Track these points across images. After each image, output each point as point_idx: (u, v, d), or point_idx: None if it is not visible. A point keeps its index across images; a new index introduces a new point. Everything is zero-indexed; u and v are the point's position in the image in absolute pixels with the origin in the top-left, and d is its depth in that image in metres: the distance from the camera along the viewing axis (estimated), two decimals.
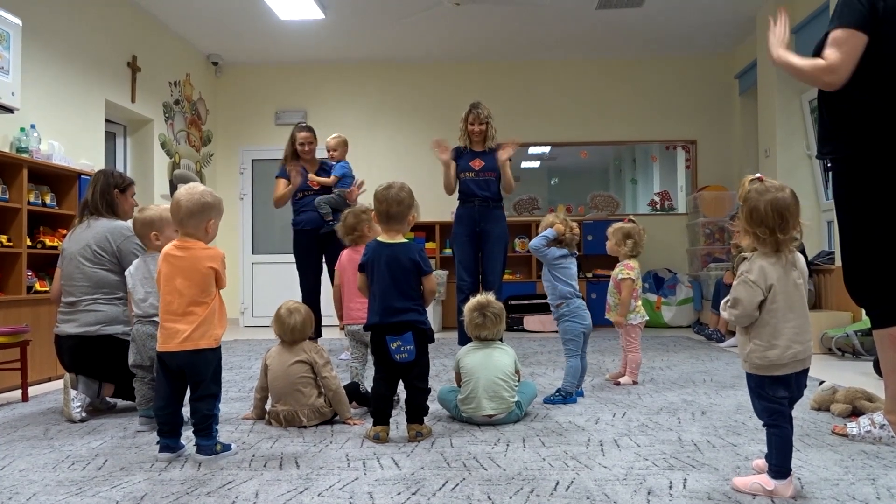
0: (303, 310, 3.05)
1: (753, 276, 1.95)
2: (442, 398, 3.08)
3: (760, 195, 1.95)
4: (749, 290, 1.95)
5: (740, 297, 1.97)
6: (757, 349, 1.96)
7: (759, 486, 1.98)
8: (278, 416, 2.92)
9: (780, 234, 1.94)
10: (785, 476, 1.96)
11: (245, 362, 4.97)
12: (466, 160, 5.04)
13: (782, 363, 1.94)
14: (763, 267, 1.95)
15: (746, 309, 1.96)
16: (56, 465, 2.42)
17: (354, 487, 2.11)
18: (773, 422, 1.98)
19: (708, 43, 7.84)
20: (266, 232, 8.38)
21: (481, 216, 4.99)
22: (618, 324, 3.89)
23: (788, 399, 1.98)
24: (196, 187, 2.52)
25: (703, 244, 7.61)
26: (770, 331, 1.95)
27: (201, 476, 2.26)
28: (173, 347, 2.44)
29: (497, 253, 5.01)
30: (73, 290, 3.29)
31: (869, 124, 2.48)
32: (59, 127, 5.34)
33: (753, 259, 1.99)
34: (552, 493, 2.03)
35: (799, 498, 1.94)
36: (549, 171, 8.98)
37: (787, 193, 1.95)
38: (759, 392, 2.00)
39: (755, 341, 1.97)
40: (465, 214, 5.05)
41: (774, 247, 1.96)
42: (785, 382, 1.97)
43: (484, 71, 8.29)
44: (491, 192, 5.02)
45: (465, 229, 5.04)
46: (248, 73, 8.45)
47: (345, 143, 5.41)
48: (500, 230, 5.05)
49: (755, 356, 1.97)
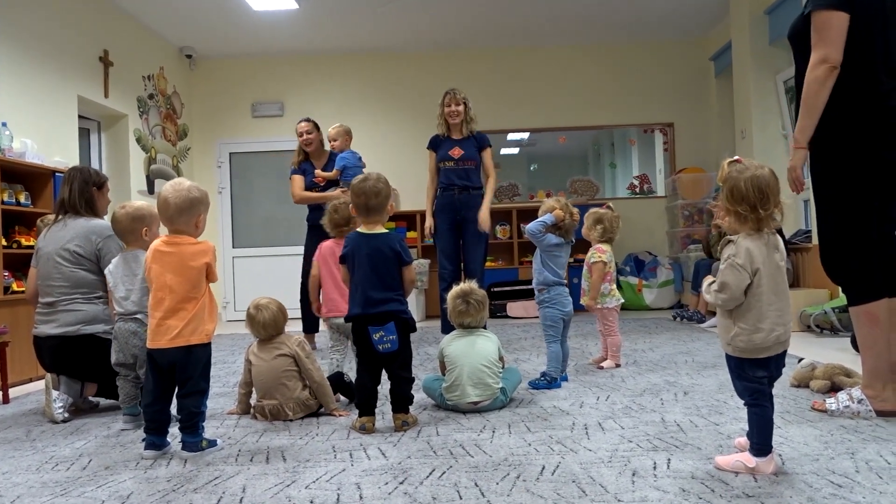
0: (273, 305, 3.02)
1: (741, 259, 1.95)
2: (426, 387, 3.09)
3: (740, 173, 1.96)
4: (737, 274, 1.95)
5: (728, 282, 1.96)
6: (742, 333, 1.97)
7: (741, 463, 2.01)
8: (263, 410, 2.92)
9: (762, 210, 1.94)
10: (766, 453, 1.99)
11: (228, 357, 4.95)
12: (445, 149, 5.03)
13: (766, 346, 1.96)
14: (749, 249, 1.95)
15: (734, 293, 1.96)
16: (40, 467, 2.40)
17: (342, 479, 2.11)
18: (754, 401, 2.00)
19: (683, 26, 7.87)
20: (246, 225, 8.33)
21: (462, 204, 4.99)
22: (589, 307, 3.91)
23: (768, 378, 2.01)
24: (182, 183, 2.50)
25: (682, 226, 7.67)
26: (755, 315, 1.96)
27: (188, 473, 2.25)
28: (164, 344, 2.42)
29: (478, 242, 5.02)
30: (52, 291, 3.25)
31: (844, 104, 2.51)
32: (31, 124, 5.25)
33: (739, 242, 1.98)
34: (538, 477, 2.05)
35: (780, 474, 1.97)
36: (529, 157, 8.99)
37: (766, 171, 1.97)
38: (739, 373, 2.03)
39: (740, 325, 1.98)
40: (445, 204, 5.05)
41: (756, 224, 1.97)
42: (765, 363, 1.99)
43: (461, 59, 8.27)
44: (471, 180, 5.02)
45: (447, 218, 5.04)
46: (222, 65, 8.36)
47: (347, 132, 5.22)
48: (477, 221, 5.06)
49: (740, 340, 1.97)
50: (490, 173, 5.12)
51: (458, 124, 4.99)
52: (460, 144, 5.01)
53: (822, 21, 2.47)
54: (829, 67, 2.45)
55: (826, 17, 2.46)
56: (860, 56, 2.50)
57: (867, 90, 2.52)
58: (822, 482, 1.89)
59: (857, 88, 2.50)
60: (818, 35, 2.48)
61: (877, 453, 2.13)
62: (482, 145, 5.08)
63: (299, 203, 5.30)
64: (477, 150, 5.06)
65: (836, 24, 2.45)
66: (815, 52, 2.47)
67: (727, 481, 1.93)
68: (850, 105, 2.51)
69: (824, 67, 2.45)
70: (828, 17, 2.46)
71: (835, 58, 2.45)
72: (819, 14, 2.48)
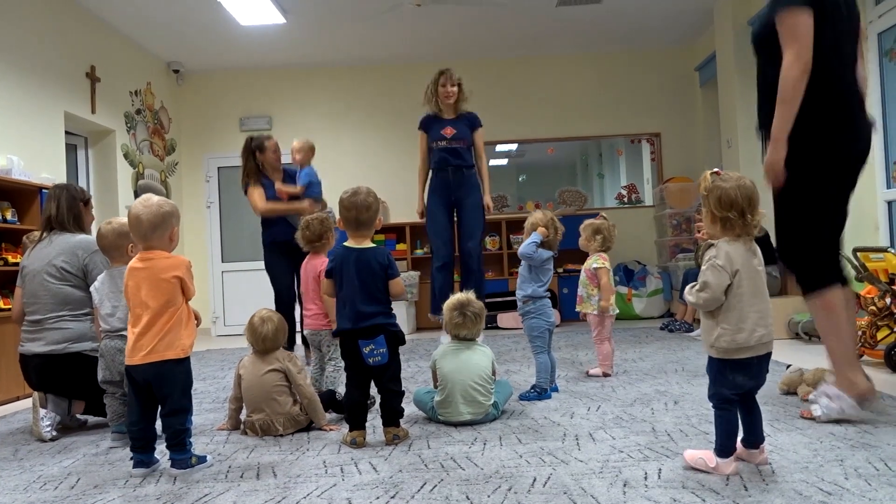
0: (276, 318, 3.03)
1: (721, 260, 2.04)
2: (417, 400, 3.08)
3: (726, 182, 2.06)
4: (717, 273, 2.03)
5: (709, 281, 2.04)
6: (725, 333, 2.04)
7: (702, 461, 2.10)
8: (253, 425, 2.90)
9: (750, 216, 2.04)
10: (728, 455, 2.07)
11: (218, 372, 4.92)
12: (438, 128, 5.02)
13: (749, 345, 2.03)
14: (728, 252, 2.04)
15: (715, 293, 2.04)
16: (27, 486, 2.38)
17: (333, 494, 2.10)
18: (721, 405, 2.09)
19: (667, 36, 7.94)
20: (235, 240, 8.29)
21: (456, 184, 4.98)
22: (604, 309, 3.90)
23: (752, 386, 2.06)
24: (150, 198, 2.48)
25: (670, 235, 7.71)
26: (737, 315, 2.03)
27: (177, 490, 2.23)
28: (138, 361, 2.39)
29: (474, 219, 4.98)
30: (38, 308, 3.22)
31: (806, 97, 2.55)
32: (17, 141, 5.23)
33: (719, 245, 2.07)
34: (530, 489, 2.05)
35: (770, 482, 1.98)
36: (518, 169, 9.03)
37: (749, 182, 2.08)
38: (718, 377, 2.09)
39: (723, 325, 2.05)
40: (438, 184, 5.03)
41: (742, 230, 2.05)
42: (747, 366, 2.04)
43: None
44: (464, 159, 5.01)
45: (440, 199, 5.03)
46: (210, 80, 8.36)
47: (311, 148, 5.12)
48: (475, 198, 5.05)
49: (723, 340, 2.04)
50: (482, 155, 5.13)
51: (450, 105, 5.01)
52: (452, 124, 5.01)
53: (793, 20, 2.53)
54: (803, 65, 2.52)
55: (795, 16, 2.53)
56: (821, 52, 2.55)
57: (828, 85, 2.58)
58: (811, 490, 1.90)
59: (818, 82, 2.56)
60: (789, 34, 2.54)
61: (865, 460, 2.14)
62: (474, 125, 5.08)
63: (264, 214, 5.06)
64: (469, 129, 5.06)
65: (804, 22, 2.52)
66: (789, 51, 2.53)
67: (718, 490, 1.94)
68: (812, 98, 2.56)
69: (799, 66, 2.52)
70: (798, 17, 2.53)
71: (807, 57, 2.52)
72: (788, 13, 2.54)
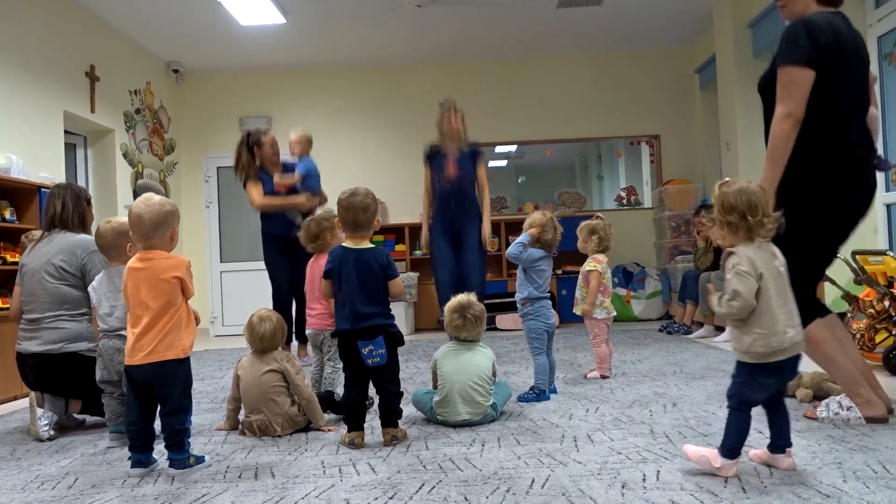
0: (274, 318, 3.03)
1: (744, 266, 2.03)
2: (416, 400, 3.08)
3: (729, 187, 2.09)
4: (744, 280, 2.02)
5: (738, 289, 2.03)
6: (760, 338, 2.02)
7: (706, 459, 2.08)
8: (252, 425, 2.90)
9: (751, 218, 2.03)
10: (734, 456, 2.05)
11: (216, 372, 4.92)
12: (441, 167, 5.15)
13: (783, 348, 2.02)
14: (750, 257, 2.04)
15: (746, 300, 2.02)
16: (25, 486, 2.37)
17: (331, 494, 2.10)
18: (738, 406, 2.07)
19: (667, 38, 7.94)
20: (234, 240, 8.29)
21: (459, 216, 5.14)
22: (585, 313, 3.92)
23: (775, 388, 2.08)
24: (152, 198, 2.49)
25: (669, 237, 7.71)
26: (769, 318, 2.03)
27: (175, 490, 2.23)
28: (138, 361, 2.40)
29: (477, 253, 5.13)
30: (36, 307, 3.22)
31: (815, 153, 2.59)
32: (16, 140, 5.22)
33: (738, 251, 2.07)
34: (528, 490, 2.04)
35: (768, 484, 1.98)
36: (517, 170, 9.04)
37: (754, 185, 2.09)
38: (748, 380, 2.06)
39: (756, 330, 2.03)
40: (442, 215, 5.17)
41: (747, 233, 2.05)
42: (780, 369, 2.05)
43: (448, 71, 8.30)
44: (467, 197, 5.18)
45: (443, 229, 5.16)
46: (210, 79, 8.35)
47: (309, 140, 5.21)
48: (477, 232, 5.18)
49: (759, 345, 2.02)
50: (484, 186, 5.26)
51: (455, 139, 5.12)
52: (456, 162, 5.12)
53: (790, 77, 2.56)
54: (794, 121, 2.55)
55: (793, 73, 2.56)
56: (830, 109, 2.58)
57: (838, 141, 2.60)
58: (809, 492, 1.90)
59: (828, 139, 2.59)
60: (784, 90, 2.57)
61: (864, 463, 2.14)
62: (477, 161, 5.22)
63: (261, 209, 5.13)
64: (472, 164, 5.19)
65: (801, 80, 2.54)
66: (781, 106, 2.57)
67: (716, 493, 1.94)
68: (818, 154, 2.59)
69: (790, 122, 2.55)
70: (795, 74, 2.55)
71: (799, 113, 2.54)
72: (786, 70, 2.57)
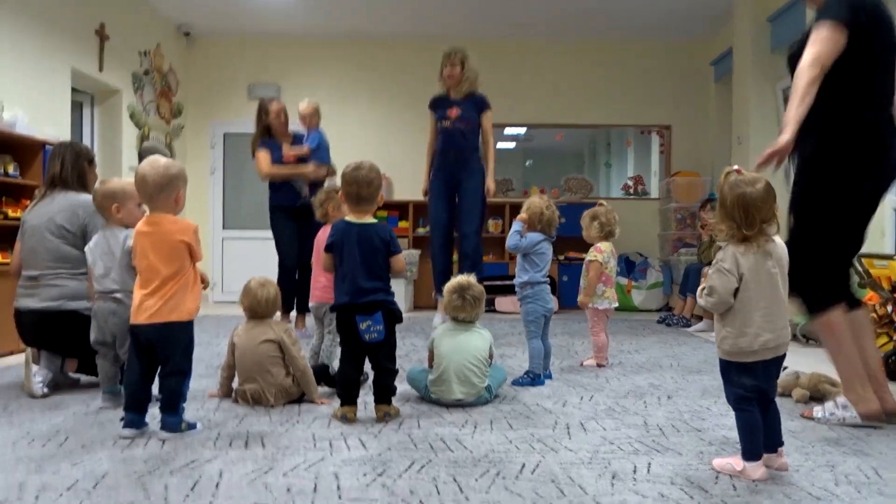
0: (273, 285, 3.04)
1: (727, 264, 2.01)
2: (411, 378, 3.07)
3: (731, 190, 2.01)
4: (723, 277, 2.01)
5: (715, 286, 2.02)
6: (728, 336, 2.03)
7: (730, 465, 2.06)
8: (245, 394, 2.89)
9: (746, 230, 1.99)
10: (755, 458, 2.01)
11: (213, 339, 4.92)
12: (443, 108, 5.02)
13: (752, 350, 2.00)
14: (735, 255, 2.01)
15: (721, 296, 2.01)
16: (15, 442, 2.37)
17: (320, 468, 2.10)
18: (738, 406, 2.04)
19: (684, 29, 7.84)
20: (237, 207, 8.27)
21: (458, 166, 5.00)
22: (581, 304, 3.90)
23: (756, 388, 2.02)
24: (158, 160, 2.48)
25: (674, 229, 7.68)
26: (741, 319, 2.01)
27: (165, 454, 2.23)
28: (142, 321, 2.42)
29: (472, 203, 5.01)
30: (36, 264, 3.21)
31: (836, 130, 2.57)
32: (23, 95, 5.18)
33: (727, 248, 2.04)
34: (518, 475, 2.04)
35: (760, 484, 1.97)
36: (525, 153, 8.99)
37: (757, 189, 1.98)
38: (726, 376, 2.08)
39: (727, 328, 2.03)
40: (441, 164, 5.07)
41: (742, 239, 2.02)
42: (752, 370, 2.01)
43: None
44: (467, 141, 5.01)
45: (442, 180, 5.07)
46: (220, 45, 8.28)
47: (318, 110, 5.18)
48: (475, 182, 5.04)
49: (727, 343, 2.03)
50: (489, 138, 5.11)
51: (454, 86, 5.00)
52: (459, 104, 4.99)
53: (823, 32, 2.53)
54: (821, 68, 2.50)
55: (827, 29, 2.53)
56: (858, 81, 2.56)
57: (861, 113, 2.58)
58: (800, 494, 1.89)
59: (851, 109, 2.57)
60: (816, 38, 2.53)
61: (856, 467, 2.13)
62: (482, 108, 5.06)
63: (267, 178, 5.11)
64: (476, 112, 5.03)
65: (835, 36, 2.51)
66: (810, 51, 2.52)
67: (706, 488, 1.93)
68: (844, 125, 2.57)
69: (817, 67, 2.49)
70: (829, 30, 2.52)
71: (826, 61, 2.50)
72: (822, 24, 2.55)
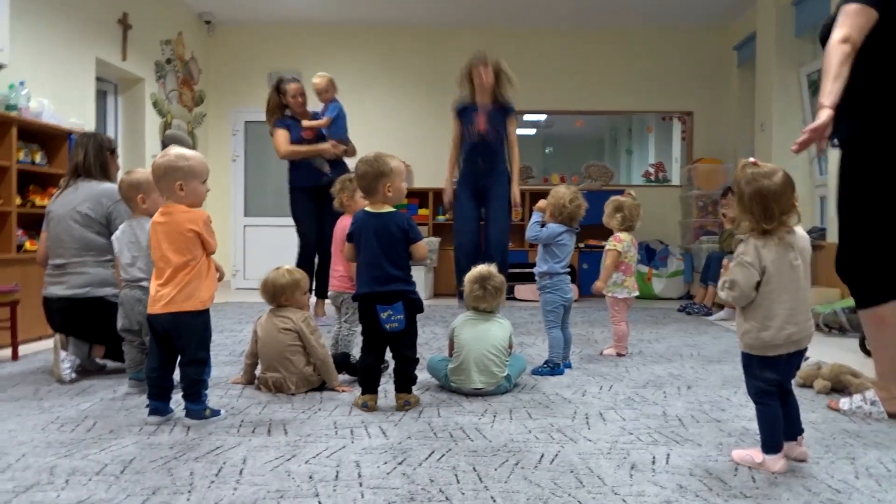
0: (296, 273, 3.08)
1: (749, 257, 1.98)
2: (431, 367, 3.09)
3: (748, 184, 1.97)
4: (745, 271, 1.98)
5: (737, 279, 1.99)
6: (752, 330, 2.00)
7: (749, 457, 2.05)
8: (267, 382, 2.94)
9: (766, 224, 1.96)
10: (775, 451, 2.00)
11: (235, 325, 4.98)
12: (471, 119, 4.98)
13: (776, 344, 1.98)
14: (757, 248, 1.98)
15: (743, 290, 1.99)
16: (45, 427, 2.43)
17: (342, 455, 2.13)
18: (759, 399, 2.04)
19: (706, 14, 7.73)
20: (258, 194, 8.32)
21: (485, 174, 5.00)
22: (596, 290, 3.91)
23: (777, 381, 2.01)
24: (169, 150, 2.50)
25: (695, 217, 7.62)
26: (763, 312, 1.99)
27: (190, 441, 2.27)
28: (157, 310, 2.46)
29: (501, 209, 5.01)
30: (62, 252, 3.28)
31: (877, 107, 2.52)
32: (49, 85, 5.25)
33: (748, 240, 2.01)
34: (537, 465, 2.05)
35: (779, 475, 1.97)
36: (545, 140, 8.94)
37: (774, 181, 1.94)
38: (748, 370, 2.06)
39: (750, 322, 2.01)
40: (468, 173, 5.06)
41: (762, 232, 1.99)
42: (775, 364, 2.00)
43: (480, 36, 8.15)
44: (495, 153, 5.01)
45: (468, 187, 5.05)
46: (241, 33, 8.31)
47: (333, 82, 5.19)
48: (503, 188, 5.05)
49: (749, 336, 2.01)
50: (514, 145, 5.09)
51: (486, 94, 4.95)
52: (487, 116, 4.95)
53: (852, 10, 2.48)
54: (852, 46, 2.45)
55: (856, 8, 2.48)
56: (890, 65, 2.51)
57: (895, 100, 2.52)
58: (820, 486, 1.89)
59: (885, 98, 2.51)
60: (844, 18, 2.49)
61: (877, 460, 2.12)
62: (507, 115, 5.04)
63: (286, 157, 5.11)
64: (502, 118, 5.02)
65: (863, 15, 2.47)
66: (839, 30, 2.47)
67: (725, 480, 1.93)
68: (883, 109, 2.51)
69: (848, 45, 2.44)
70: (858, 9, 2.47)
71: (856, 39, 2.45)
72: (849, 4, 2.50)
